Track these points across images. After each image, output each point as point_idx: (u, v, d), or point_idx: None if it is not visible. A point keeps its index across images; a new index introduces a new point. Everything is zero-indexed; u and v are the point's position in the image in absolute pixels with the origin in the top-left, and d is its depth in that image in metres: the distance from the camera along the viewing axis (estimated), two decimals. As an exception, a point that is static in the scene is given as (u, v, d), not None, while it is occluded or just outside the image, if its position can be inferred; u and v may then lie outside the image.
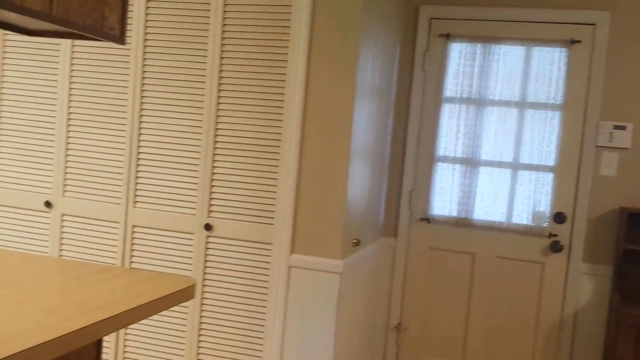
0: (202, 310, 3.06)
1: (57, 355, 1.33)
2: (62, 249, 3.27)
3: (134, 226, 3.15)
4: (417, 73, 3.71)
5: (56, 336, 1.33)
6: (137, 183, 3.14)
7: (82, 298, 1.65)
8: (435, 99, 3.71)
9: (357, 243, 3.07)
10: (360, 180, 3.10)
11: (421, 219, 3.76)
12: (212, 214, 3.03)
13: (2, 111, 3.33)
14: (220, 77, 2.99)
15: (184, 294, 1.81)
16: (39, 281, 1.79)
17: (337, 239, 2.87)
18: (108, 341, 3.20)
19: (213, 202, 3.03)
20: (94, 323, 1.44)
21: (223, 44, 2.98)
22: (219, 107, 3.00)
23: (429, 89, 3.72)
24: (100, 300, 1.63)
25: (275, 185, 2.95)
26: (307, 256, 2.90)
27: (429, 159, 3.73)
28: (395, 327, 3.82)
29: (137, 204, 3.14)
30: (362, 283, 3.32)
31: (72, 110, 3.22)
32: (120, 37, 1.91)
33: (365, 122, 3.09)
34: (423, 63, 3.70)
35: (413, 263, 3.79)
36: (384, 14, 3.22)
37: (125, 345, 3.17)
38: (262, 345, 2.98)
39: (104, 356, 3.18)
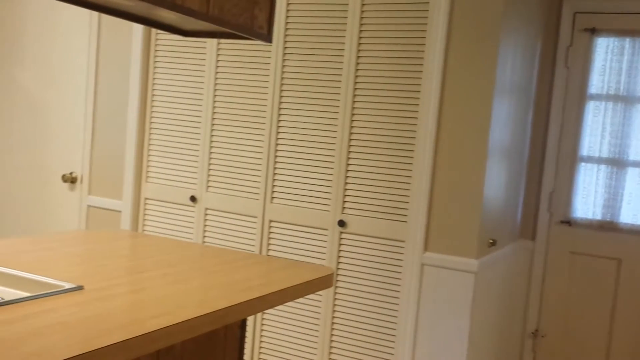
0: (335, 305, 3.11)
1: (209, 329, 1.42)
2: (205, 240, 3.46)
3: (271, 221, 3.27)
4: (560, 69, 3.56)
5: (209, 311, 1.42)
6: (275, 180, 3.26)
7: (229, 280, 1.74)
8: (579, 97, 3.54)
9: (493, 243, 3.00)
10: (497, 179, 3.02)
11: (562, 222, 3.59)
12: (346, 211, 3.08)
13: (153, 111, 3.59)
14: (356, 76, 3.04)
15: (323, 282, 1.86)
16: (190, 264, 1.92)
17: (472, 238, 2.82)
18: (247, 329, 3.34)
19: (347, 199, 3.08)
20: (242, 302, 1.52)
21: (360, 43, 3.02)
22: (354, 106, 3.05)
23: (571, 86, 3.55)
24: (246, 283, 1.72)
25: (409, 183, 2.94)
26: (440, 254, 2.87)
27: (570, 159, 3.56)
28: (532, 333, 3.68)
29: (274, 200, 3.26)
30: (497, 285, 3.23)
31: (216, 109, 3.41)
32: (268, 36, 2.00)
33: (504, 120, 3.01)
34: (566, 59, 3.54)
35: (552, 267, 3.63)
36: (525, 8, 3.13)
37: (262, 336, 3.30)
38: (394, 342, 2.99)
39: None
